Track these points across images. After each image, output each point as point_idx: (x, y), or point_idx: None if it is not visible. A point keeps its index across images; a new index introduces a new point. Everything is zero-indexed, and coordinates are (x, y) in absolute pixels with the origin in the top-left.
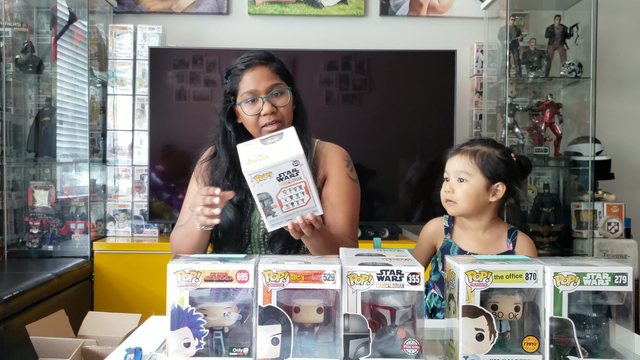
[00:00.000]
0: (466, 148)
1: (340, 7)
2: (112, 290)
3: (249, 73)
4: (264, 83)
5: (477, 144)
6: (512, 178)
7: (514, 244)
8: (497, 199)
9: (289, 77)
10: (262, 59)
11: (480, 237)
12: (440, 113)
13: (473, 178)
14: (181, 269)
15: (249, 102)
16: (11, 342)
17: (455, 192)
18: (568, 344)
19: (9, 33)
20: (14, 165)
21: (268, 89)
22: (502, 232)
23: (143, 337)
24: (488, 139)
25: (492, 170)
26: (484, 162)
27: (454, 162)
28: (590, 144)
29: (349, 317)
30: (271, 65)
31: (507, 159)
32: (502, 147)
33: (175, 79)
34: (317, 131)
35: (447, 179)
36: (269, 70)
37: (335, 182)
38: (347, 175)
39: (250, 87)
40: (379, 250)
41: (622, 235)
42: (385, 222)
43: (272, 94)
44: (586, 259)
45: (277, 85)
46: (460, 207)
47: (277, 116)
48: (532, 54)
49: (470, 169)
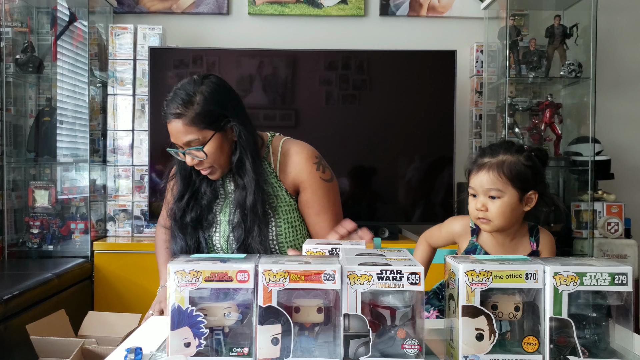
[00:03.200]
0: (490, 160)
1: (340, 7)
2: (113, 290)
3: (169, 124)
4: (181, 138)
5: (500, 152)
6: (540, 181)
7: (537, 242)
8: (531, 207)
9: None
10: (177, 110)
11: (509, 243)
12: (440, 113)
13: (505, 194)
14: (181, 268)
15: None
16: (11, 342)
17: (489, 210)
18: (568, 343)
19: (9, 33)
20: (14, 165)
21: (185, 144)
22: (524, 232)
23: (143, 336)
24: (507, 143)
25: (523, 181)
26: (513, 174)
27: (481, 178)
28: (590, 144)
29: (349, 317)
30: (185, 117)
31: (532, 163)
32: (522, 148)
33: (176, 79)
34: (317, 131)
35: (473, 195)
36: (183, 125)
37: (311, 190)
38: (321, 179)
39: (172, 138)
40: (379, 250)
41: (622, 235)
42: (385, 222)
43: (190, 149)
44: (586, 259)
45: (194, 142)
46: (496, 224)
47: (205, 164)
48: (532, 54)
49: (501, 184)
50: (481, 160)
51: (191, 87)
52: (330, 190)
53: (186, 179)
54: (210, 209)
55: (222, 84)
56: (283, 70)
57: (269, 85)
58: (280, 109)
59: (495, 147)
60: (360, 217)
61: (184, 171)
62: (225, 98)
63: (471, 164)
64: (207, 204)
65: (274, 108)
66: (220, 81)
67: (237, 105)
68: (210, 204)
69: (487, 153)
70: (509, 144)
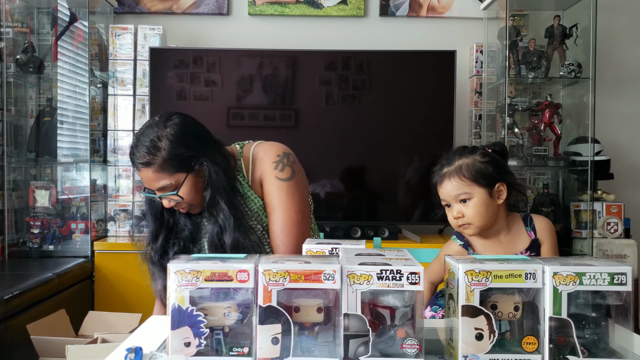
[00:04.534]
0: (449, 169)
1: (340, 8)
2: (113, 290)
3: (138, 172)
4: (153, 184)
5: (455, 158)
6: (504, 172)
7: (534, 230)
8: (503, 199)
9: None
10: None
11: (504, 239)
12: (439, 113)
13: (474, 194)
14: (182, 268)
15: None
16: (11, 342)
17: (465, 215)
18: (567, 343)
19: (10, 33)
20: (14, 165)
21: (159, 190)
22: (519, 224)
23: (143, 336)
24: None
25: (485, 177)
26: (473, 174)
27: (447, 187)
28: (590, 144)
29: (349, 316)
30: (153, 165)
31: (489, 158)
32: (475, 148)
33: (176, 80)
34: (317, 131)
35: (447, 205)
36: (153, 172)
37: (266, 189)
38: (275, 177)
39: (145, 184)
40: (378, 250)
41: (622, 235)
42: (385, 222)
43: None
44: (585, 258)
45: (167, 187)
46: (476, 226)
47: (182, 204)
48: (532, 54)
49: (466, 187)
50: (441, 172)
51: (154, 132)
52: (284, 189)
53: (158, 218)
54: (194, 241)
55: (187, 124)
56: (283, 70)
57: (269, 86)
58: (280, 109)
59: (450, 155)
60: (360, 217)
61: (154, 209)
62: (192, 138)
63: (435, 177)
64: (189, 235)
65: (274, 108)
66: (184, 120)
67: (204, 142)
68: (193, 234)
69: (444, 163)
70: (462, 148)
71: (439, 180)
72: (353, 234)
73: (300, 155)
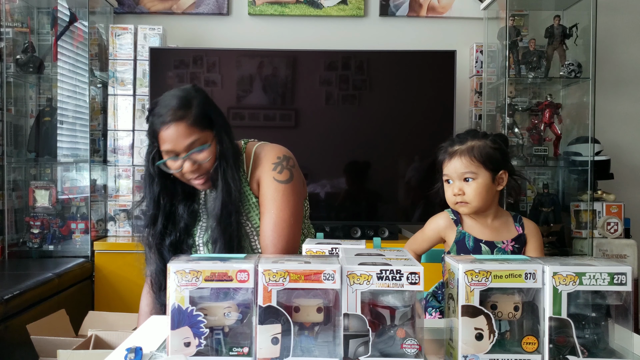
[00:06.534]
0: (461, 147)
1: (340, 8)
2: (113, 290)
3: (165, 130)
4: (182, 141)
5: (467, 139)
6: (507, 161)
7: (522, 227)
8: (503, 186)
9: (209, 120)
10: (177, 113)
11: (490, 224)
12: (439, 113)
13: (479, 175)
14: (181, 268)
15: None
16: (11, 342)
17: (465, 193)
18: (567, 343)
19: (10, 33)
20: (14, 165)
21: (187, 148)
22: (507, 218)
23: (143, 336)
24: (472, 131)
25: (493, 162)
26: (483, 157)
27: (455, 164)
28: (590, 144)
29: (349, 316)
30: (188, 118)
31: (498, 146)
32: (486, 134)
33: (176, 79)
34: (317, 131)
35: (448, 181)
36: (185, 126)
37: (262, 189)
38: (273, 179)
39: (168, 146)
40: (378, 250)
41: (622, 235)
42: (385, 222)
43: (193, 152)
44: (585, 258)
45: (197, 142)
46: (473, 205)
47: (201, 170)
48: (532, 54)
49: (474, 167)
50: (452, 149)
51: (182, 92)
52: (280, 191)
53: (157, 202)
54: (188, 233)
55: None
56: (283, 70)
57: (269, 86)
58: (280, 109)
59: (462, 135)
60: (360, 217)
61: (153, 194)
62: (215, 108)
63: (443, 154)
64: (184, 227)
65: (274, 108)
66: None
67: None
68: (189, 227)
69: (456, 142)
70: (474, 131)
71: (447, 157)
72: (353, 233)
73: (300, 155)
